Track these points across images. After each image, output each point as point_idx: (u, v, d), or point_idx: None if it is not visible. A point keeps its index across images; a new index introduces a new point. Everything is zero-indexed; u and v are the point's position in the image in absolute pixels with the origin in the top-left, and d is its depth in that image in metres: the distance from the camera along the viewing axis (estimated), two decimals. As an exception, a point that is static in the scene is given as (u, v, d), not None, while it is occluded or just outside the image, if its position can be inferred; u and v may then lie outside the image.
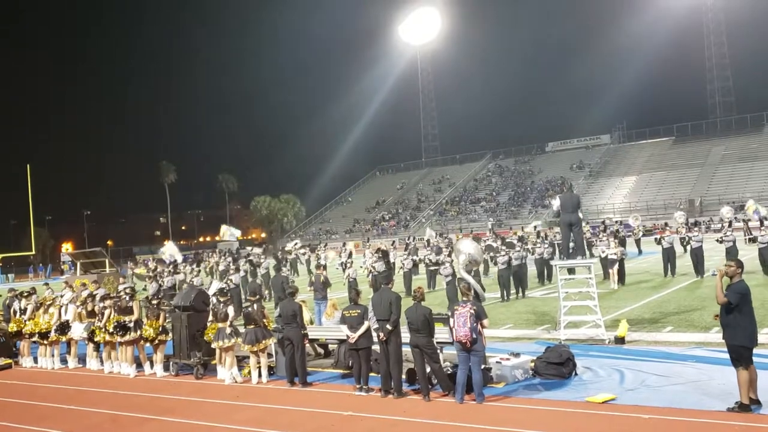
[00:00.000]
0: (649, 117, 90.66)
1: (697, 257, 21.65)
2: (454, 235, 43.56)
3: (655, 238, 23.43)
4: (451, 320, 9.46)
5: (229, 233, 39.79)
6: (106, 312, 13.79)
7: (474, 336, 9.21)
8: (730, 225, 23.68)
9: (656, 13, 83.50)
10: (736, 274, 8.19)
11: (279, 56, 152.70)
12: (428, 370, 9.96)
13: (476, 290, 12.26)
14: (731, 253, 20.03)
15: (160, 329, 13.19)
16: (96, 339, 14.06)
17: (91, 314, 14.36)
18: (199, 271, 30.78)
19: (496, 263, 21.77)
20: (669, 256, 22.58)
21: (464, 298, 9.73)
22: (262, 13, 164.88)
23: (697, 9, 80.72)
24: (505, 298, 19.99)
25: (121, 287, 19.31)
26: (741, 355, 8.04)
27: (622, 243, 32.02)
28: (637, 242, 33.76)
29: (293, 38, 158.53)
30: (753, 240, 20.71)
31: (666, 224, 35.37)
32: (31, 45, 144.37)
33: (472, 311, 9.30)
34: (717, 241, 22.57)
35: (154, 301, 13.61)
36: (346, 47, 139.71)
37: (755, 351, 8.23)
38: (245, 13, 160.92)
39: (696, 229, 23.74)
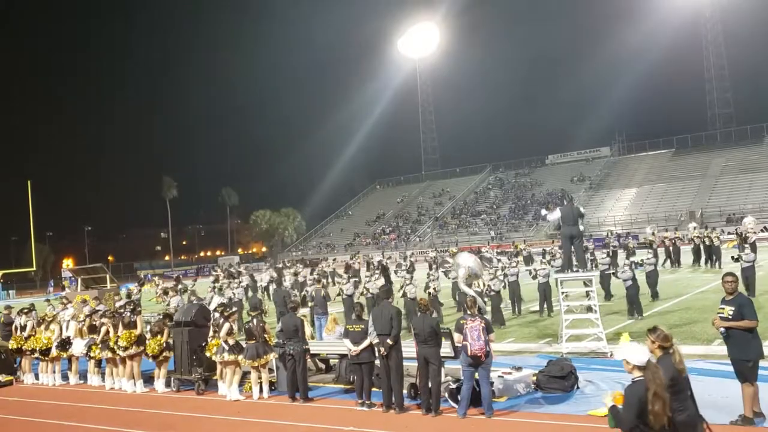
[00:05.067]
0: (649, 129, 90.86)
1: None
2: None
3: (633, 262, 20.04)
4: (457, 335, 9.41)
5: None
6: (103, 328, 13.79)
7: (487, 349, 9.21)
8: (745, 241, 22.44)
9: (655, 25, 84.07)
10: (735, 290, 8.18)
11: (279, 70, 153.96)
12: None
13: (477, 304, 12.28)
14: (748, 276, 18.71)
15: (164, 345, 13.17)
16: (92, 355, 14.06)
17: (93, 330, 14.35)
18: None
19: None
20: (651, 281, 19.92)
21: (470, 312, 9.69)
22: (262, 27, 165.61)
23: (695, 21, 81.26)
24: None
25: (118, 303, 19.30)
26: (751, 369, 7.97)
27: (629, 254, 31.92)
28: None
29: (293, 52, 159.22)
30: (736, 259, 19.65)
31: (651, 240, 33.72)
32: (31, 60, 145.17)
33: (484, 325, 9.29)
34: (613, 275, 19.87)
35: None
36: (346, 61, 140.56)
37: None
38: (245, 28, 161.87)
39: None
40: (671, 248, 31.13)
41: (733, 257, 19.65)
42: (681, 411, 5.53)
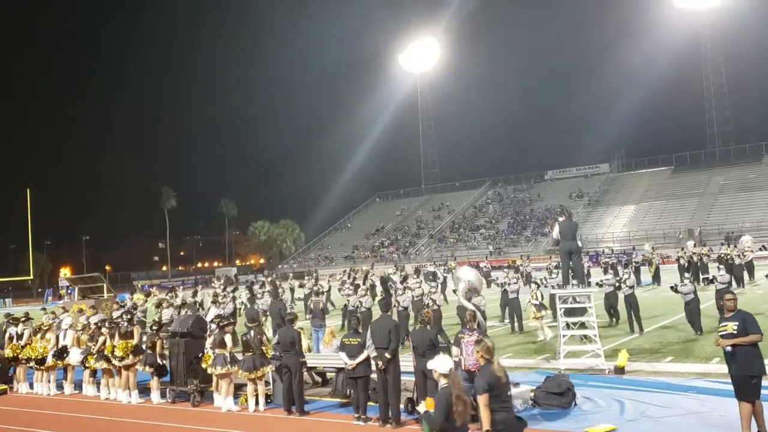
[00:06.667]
0: (648, 146, 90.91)
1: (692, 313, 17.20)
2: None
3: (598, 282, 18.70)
4: (455, 349, 9.39)
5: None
6: (101, 339, 13.72)
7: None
8: (721, 261, 21.99)
9: (655, 43, 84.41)
10: (735, 306, 8.14)
11: (281, 83, 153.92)
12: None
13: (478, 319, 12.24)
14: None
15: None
16: (87, 365, 13.98)
17: (92, 339, 14.26)
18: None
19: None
20: (632, 307, 17.93)
21: (469, 326, 9.66)
22: (263, 40, 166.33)
23: (695, 39, 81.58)
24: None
25: (116, 313, 19.22)
26: (754, 386, 7.89)
27: (616, 272, 31.75)
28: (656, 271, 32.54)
29: (295, 65, 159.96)
30: (711, 281, 18.87)
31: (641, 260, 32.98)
32: (31, 69, 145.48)
33: (479, 339, 9.25)
34: (672, 289, 18.45)
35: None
36: (347, 75, 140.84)
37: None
38: (245, 40, 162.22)
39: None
40: (698, 264, 30.46)
41: (707, 278, 19.00)
42: (500, 411, 6.41)
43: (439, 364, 6.45)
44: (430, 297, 18.43)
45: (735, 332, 7.90)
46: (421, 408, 6.36)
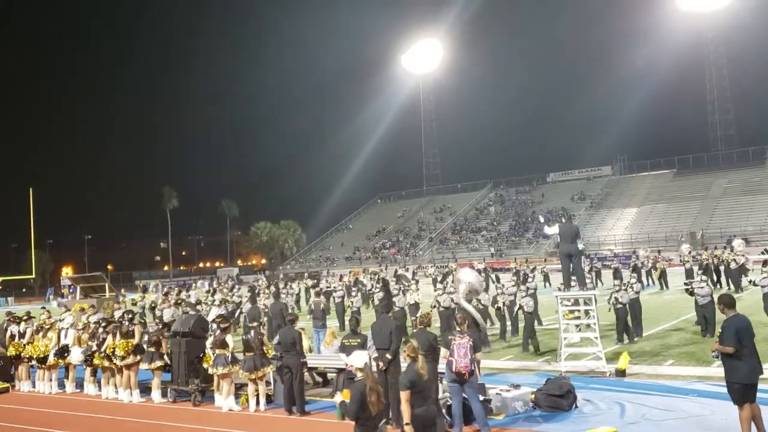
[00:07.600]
0: (651, 149, 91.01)
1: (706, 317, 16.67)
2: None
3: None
4: (444, 350, 9.39)
5: None
6: (108, 338, 13.71)
7: (472, 367, 9.17)
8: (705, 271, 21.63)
9: (658, 46, 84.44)
10: (724, 312, 8.12)
11: (282, 84, 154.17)
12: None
13: (476, 320, 12.24)
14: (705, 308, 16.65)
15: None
16: (95, 362, 13.99)
17: (93, 338, 14.28)
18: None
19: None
20: (635, 312, 17.04)
21: (459, 329, 9.66)
22: (266, 40, 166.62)
23: (698, 42, 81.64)
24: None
25: (117, 313, 19.25)
26: (738, 391, 7.92)
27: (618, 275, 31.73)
28: (648, 274, 32.79)
29: (297, 66, 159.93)
30: (690, 293, 17.61)
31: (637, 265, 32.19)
32: (31, 69, 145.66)
33: (471, 342, 9.26)
34: (687, 291, 18.08)
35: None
36: (350, 76, 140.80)
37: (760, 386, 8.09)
38: (247, 41, 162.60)
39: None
40: (716, 267, 29.87)
41: (688, 289, 18.31)
42: (419, 406, 6.96)
43: (355, 359, 6.90)
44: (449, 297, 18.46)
45: (718, 339, 7.95)
46: (338, 398, 6.75)
